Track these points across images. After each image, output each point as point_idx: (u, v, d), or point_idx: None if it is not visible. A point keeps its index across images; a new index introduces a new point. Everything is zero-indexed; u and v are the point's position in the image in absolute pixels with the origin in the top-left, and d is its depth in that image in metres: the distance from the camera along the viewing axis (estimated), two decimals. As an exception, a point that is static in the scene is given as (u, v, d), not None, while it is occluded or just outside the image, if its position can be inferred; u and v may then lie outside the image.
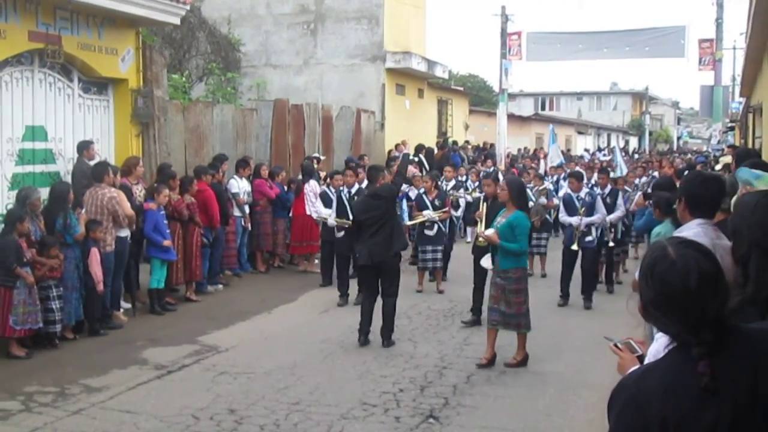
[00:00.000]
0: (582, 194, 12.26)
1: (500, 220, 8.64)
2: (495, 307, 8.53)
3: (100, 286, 9.94)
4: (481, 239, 9.54)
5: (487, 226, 9.28)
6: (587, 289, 12.11)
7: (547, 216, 15.40)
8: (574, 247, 11.98)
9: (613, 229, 12.87)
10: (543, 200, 15.24)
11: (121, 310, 10.92)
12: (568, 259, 12.15)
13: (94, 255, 9.92)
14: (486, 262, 9.07)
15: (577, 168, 21.55)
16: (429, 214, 13.04)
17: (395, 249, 9.75)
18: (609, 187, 13.01)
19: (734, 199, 4.11)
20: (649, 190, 14.62)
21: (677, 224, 4.96)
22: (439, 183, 14.68)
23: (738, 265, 2.62)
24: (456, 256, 14.26)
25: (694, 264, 2.24)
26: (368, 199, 10.01)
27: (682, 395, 2.18)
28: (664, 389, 2.21)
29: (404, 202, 14.38)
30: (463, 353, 9.21)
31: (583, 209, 11.99)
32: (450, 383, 8.04)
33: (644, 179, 17.09)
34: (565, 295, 12.17)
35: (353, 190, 12.74)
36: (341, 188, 12.92)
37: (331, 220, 12.58)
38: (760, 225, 2.60)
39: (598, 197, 12.33)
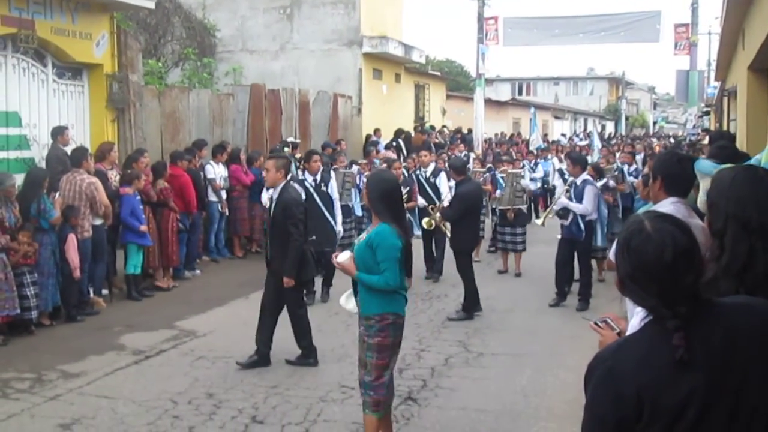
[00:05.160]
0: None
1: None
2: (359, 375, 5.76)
3: (77, 273, 9.88)
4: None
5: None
6: (584, 289, 10.74)
7: (522, 207, 13.48)
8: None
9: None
10: (526, 183, 13.83)
11: (97, 295, 10.85)
12: (564, 252, 10.79)
13: (72, 241, 9.84)
14: (349, 302, 5.85)
15: (549, 154, 21.59)
16: None
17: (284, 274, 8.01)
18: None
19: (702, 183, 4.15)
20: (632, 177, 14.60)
21: None
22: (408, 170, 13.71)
23: (714, 238, 2.67)
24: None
25: (669, 238, 2.27)
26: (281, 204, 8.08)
27: (658, 367, 2.21)
28: (640, 361, 2.24)
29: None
30: (441, 336, 9.24)
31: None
32: (428, 365, 8.06)
33: (634, 166, 15.69)
34: (561, 293, 10.85)
35: (317, 177, 11.04)
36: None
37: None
38: (737, 198, 2.65)
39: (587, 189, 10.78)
